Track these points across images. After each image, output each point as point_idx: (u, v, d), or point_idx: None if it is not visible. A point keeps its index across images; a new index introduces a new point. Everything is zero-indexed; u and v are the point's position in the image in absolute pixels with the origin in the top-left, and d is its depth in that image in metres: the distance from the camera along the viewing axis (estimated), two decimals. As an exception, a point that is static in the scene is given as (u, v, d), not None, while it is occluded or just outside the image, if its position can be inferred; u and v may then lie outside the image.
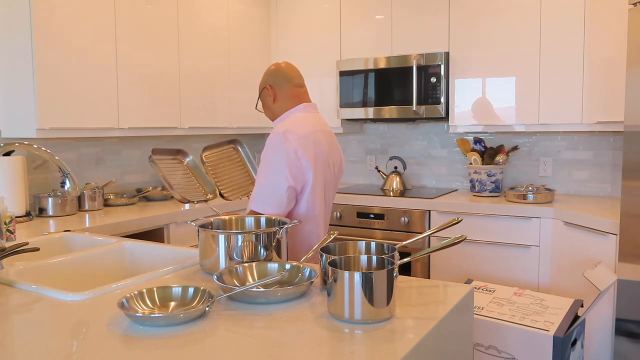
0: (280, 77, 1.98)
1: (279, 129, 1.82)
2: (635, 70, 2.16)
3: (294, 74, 2.00)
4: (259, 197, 1.81)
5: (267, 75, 2.00)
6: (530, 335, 1.86)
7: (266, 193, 1.80)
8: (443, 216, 3.10)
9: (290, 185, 1.78)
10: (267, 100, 2.00)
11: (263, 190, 1.81)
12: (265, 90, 1.99)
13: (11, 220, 2.02)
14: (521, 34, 3.09)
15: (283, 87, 1.97)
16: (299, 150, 1.78)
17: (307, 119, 1.90)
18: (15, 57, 2.48)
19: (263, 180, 1.82)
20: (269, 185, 1.80)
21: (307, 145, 1.81)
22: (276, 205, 1.78)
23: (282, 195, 1.78)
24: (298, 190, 1.83)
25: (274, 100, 1.98)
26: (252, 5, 3.74)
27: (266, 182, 1.81)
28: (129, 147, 3.27)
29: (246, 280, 1.37)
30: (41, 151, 1.69)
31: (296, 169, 1.79)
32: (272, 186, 1.79)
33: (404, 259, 1.21)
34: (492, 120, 3.22)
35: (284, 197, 1.78)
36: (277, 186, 1.78)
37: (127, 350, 0.98)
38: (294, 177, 1.78)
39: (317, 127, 1.90)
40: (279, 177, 1.78)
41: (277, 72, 1.99)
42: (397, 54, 3.42)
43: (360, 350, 0.98)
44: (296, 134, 1.80)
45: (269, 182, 1.80)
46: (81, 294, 1.30)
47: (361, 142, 4.02)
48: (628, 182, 2.19)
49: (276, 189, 1.78)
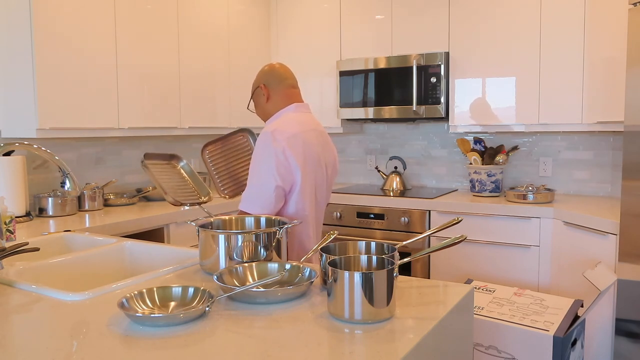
0: (274, 77, 1.99)
1: (268, 129, 1.82)
2: (635, 70, 2.16)
3: (288, 75, 2.01)
4: (247, 196, 1.82)
5: (261, 74, 2.02)
6: (530, 335, 1.86)
7: (254, 193, 1.81)
8: (443, 216, 3.10)
9: (278, 185, 1.78)
10: (260, 99, 2.01)
11: (251, 190, 1.82)
12: (258, 89, 2.00)
13: (11, 220, 2.02)
14: (521, 34, 3.09)
15: (276, 86, 1.98)
16: (287, 150, 1.78)
17: (297, 118, 1.90)
18: (15, 57, 2.48)
19: (252, 179, 1.83)
20: (257, 184, 1.81)
21: (295, 145, 1.81)
22: (264, 205, 1.79)
23: (270, 195, 1.78)
24: (286, 190, 1.83)
25: (267, 99, 1.98)
26: (252, 5, 3.74)
27: (255, 181, 1.82)
28: (129, 147, 3.27)
29: (246, 280, 1.37)
30: (41, 151, 1.69)
31: (284, 169, 1.79)
32: (260, 186, 1.80)
33: (404, 259, 1.21)
34: (492, 120, 3.22)
35: (272, 196, 1.79)
36: (265, 186, 1.78)
37: (127, 350, 0.98)
38: (282, 176, 1.78)
39: (307, 126, 1.90)
40: (267, 177, 1.78)
41: (271, 72, 2.00)
42: (397, 54, 3.42)
43: (360, 350, 0.98)
44: (285, 133, 1.80)
45: (258, 181, 1.81)
46: (81, 294, 1.30)
47: (361, 142, 4.02)
48: (628, 182, 2.19)
49: (264, 188, 1.79)
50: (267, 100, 1.99)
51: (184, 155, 3.63)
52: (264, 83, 1.99)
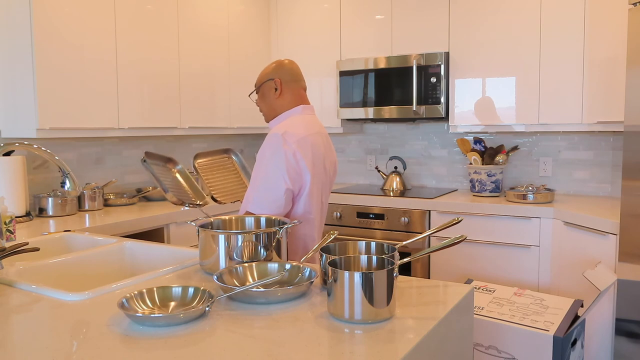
0: (291, 74, 1.94)
1: (278, 130, 1.79)
2: (635, 70, 2.16)
3: (301, 77, 1.99)
4: (256, 198, 1.77)
5: (277, 68, 1.95)
6: (530, 335, 1.86)
7: (264, 195, 1.77)
8: (443, 216, 3.10)
9: (288, 188, 1.76)
10: (270, 93, 1.94)
11: (261, 192, 1.77)
12: (271, 82, 1.93)
13: (11, 220, 2.02)
14: (521, 33, 3.09)
15: (291, 84, 1.94)
16: (298, 153, 1.77)
17: (305, 120, 1.88)
18: (15, 57, 2.48)
19: (261, 181, 1.78)
20: (267, 187, 1.77)
21: (305, 148, 1.79)
22: (274, 207, 1.76)
23: (280, 197, 1.76)
24: (295, 193, 1.81)
25: (279, 94, 1.93)
26: (252, 5, 3.74)
27: (264, 183, 1.77)
28: (129, 147, 3.27)
29: (246, 280, 1.37)
30: (41, 151, 1.69)
31: (294, 172, 1.77)
32: (271, 188, 1.76)
33: (404, 259, 1.21)
34: (492, 120, 3.22)
35: (282, 199, 1.76)
36: (276, 188, 1.75)
37: (127, 350, 0.98)
38: (292, 179, 1.76)
39: (313, 129, 1.89)
40: (278, 180, 1.75)
41: (289, 69, 1.95)
42: (397, 54, 3.42)
43: (360, 350, 0.98)
44: (295, 136, 1.78)
45: (267, 183, 1.77)
46: (81, 294, 1.30)
47: (361, 142, 4.02)
48: (628, 182, 2.19)
49: (274, 191, 1.76)
50: (278, 95, 1.93)
51: (184, 155, 3.63)
52: (279, 77, 1.92)
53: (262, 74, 1.97)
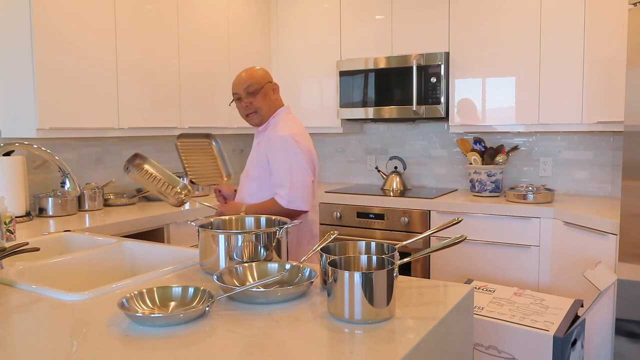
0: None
1: (284, 133, 2.01)
2: (635, 70, 2.16)
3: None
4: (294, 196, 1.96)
5: (266, 74, 2.16)
6: (530, 335, 1.86)
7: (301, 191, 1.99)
8: (443, 216, 3.10)
9: (313, 180, 2.05)
10: (270, 94, 2.14)
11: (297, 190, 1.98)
12: (270, 84, 2.14)
13: (11, 220, 2.02)
14: (521, 33, 3.09)
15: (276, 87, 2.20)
16: (307, 148, 2.04)
17: (295, 119, 2.14)
18: (15, 56, 2.48)
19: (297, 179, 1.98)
20: (302, 183, 1.99)
21: (309, 143, 2.08)
22: (310, 200, 2.02)
23: (312, 189, 2.03)
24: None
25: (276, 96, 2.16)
26: (252, 5, 3.74)
27: (297, 180, 1.98)
28: (129, 147, 3.27)
29: (246, 280, 1.37)
30: (41, 151, 1.69)
31: (313, 164, 2.06)
32: (304, 185, 2.00)
33: (404, 259, 1.21)
34: (492, 120, 3.22)
35: (312, 191, 2.04)
36: (307, 183, 2.01)
37: (127, 351, 0.98)
38: (313, 171, 2.05)
39: (302, 126, 2.16)
40: (305, 175, 2.00)
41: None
42: (397, 54, 3.42)
43: (360, 350, 0.98)
44: (299, 134, 2.05)
45: (300, 180, 1.99)
46: (81, 294, 1.30)
47: (361, 142, 4.02)
48: (628, 182, 2.19)
49: (307, 186, 2.01)
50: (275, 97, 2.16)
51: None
52: (272, 81, 2.16)
53: (259, 76, 2.13)
